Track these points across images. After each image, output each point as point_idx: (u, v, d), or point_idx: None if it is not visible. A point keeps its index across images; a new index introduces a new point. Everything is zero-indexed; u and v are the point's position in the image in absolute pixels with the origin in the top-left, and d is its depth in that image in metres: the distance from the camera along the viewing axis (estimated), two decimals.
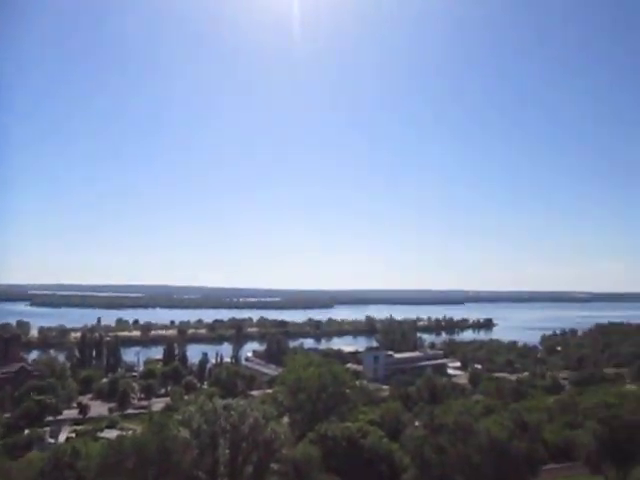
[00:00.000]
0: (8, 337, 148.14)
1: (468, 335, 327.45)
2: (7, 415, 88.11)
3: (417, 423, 63.97)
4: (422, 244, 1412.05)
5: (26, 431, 76.83)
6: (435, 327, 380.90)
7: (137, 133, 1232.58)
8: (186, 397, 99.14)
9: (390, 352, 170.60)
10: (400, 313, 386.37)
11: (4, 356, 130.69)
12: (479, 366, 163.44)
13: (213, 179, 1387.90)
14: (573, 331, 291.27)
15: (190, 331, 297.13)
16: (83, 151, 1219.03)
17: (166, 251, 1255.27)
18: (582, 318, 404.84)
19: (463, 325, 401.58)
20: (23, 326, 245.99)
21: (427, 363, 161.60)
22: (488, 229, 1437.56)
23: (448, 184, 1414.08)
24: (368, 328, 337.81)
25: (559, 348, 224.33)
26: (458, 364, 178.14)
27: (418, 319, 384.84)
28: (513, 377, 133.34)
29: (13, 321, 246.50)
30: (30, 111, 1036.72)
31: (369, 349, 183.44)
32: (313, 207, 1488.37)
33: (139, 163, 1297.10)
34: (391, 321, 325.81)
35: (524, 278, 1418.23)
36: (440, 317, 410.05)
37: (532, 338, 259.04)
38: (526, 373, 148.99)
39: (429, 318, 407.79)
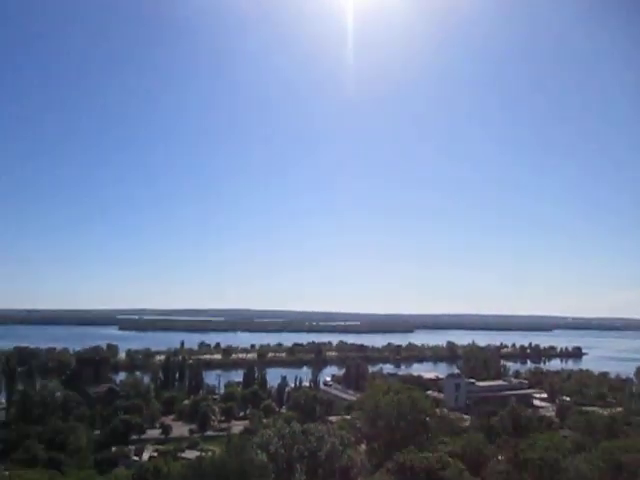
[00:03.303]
0: (98, 359, 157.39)
1: (555, 364, 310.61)
2: (97, 432, 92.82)
3: (500, 457, 61.00)
4: (505, 267, 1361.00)
5: (113, 448, 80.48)
6: (520, 355, 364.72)
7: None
8: (265, 420, 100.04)
9: (472, 380, 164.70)
10: (483, 339, 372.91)
11: (95, 377, 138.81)
12: (567, 398, 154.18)
13: (292, 207, 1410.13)
14: None
15: (270, 355, 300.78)
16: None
17: (247, 276, 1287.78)
18: None
19: (550, 353, 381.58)
20: (112, 349, 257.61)
21: (511, 393, 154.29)
22: (577, 250, 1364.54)
23: (530, 202, 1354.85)
24: (449, 354, 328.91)
25: None
26: (544, 395, 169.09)
27: (502, 346, 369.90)
28: (605, 412, 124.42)
29: (103, 344, 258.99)
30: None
31: (450, 376, 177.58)
32: (391, 234, 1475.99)
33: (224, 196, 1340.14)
34: (473, 347, 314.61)
35: (617, 305, 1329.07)
36: (525, 344, 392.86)
37: (626, 369, 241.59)
38: (620, 408, 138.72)
39: (514, 345, 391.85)
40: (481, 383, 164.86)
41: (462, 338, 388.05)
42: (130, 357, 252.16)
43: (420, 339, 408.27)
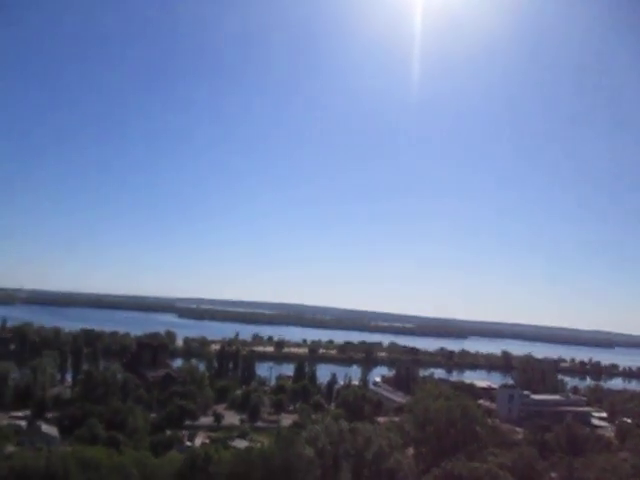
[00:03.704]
0: (157, 345, 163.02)
1: (616, 383, 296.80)
2: (153, 415, 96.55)
3: (553, 474, 59.39)
4: (568, 277, 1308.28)
5: (168, 432, 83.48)
6: (579, 370, 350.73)
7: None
8: (313, 416, 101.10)
9: (527, 392, 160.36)
10: (539, 351, 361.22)
11: (153, 362, 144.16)
12: (629, 420, 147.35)
13: (354, 209, 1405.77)
14: None
15: (321, 351, 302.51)
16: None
17: (302, 270, 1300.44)
18: None
19: (611, 372, 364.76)
20: (170, 336, 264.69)
21: (568, 409, 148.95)
22: None
23: (599, 215, 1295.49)
24: (504, 364, 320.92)
25: None
26: (604, 414, 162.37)
27: (560, 359, 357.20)
28: None
29: (162, 330, 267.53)
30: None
31: (504, 386, 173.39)
32: (452, 239, 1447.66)
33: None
34: (529, 359, 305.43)
35: None
36: (585, 360, 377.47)
37: None
38: None
39: (572, 360, 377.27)
40: (536, 396, 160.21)
41: (518, 348, 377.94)
42: (187, 344, 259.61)
43: (474, 346, 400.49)
